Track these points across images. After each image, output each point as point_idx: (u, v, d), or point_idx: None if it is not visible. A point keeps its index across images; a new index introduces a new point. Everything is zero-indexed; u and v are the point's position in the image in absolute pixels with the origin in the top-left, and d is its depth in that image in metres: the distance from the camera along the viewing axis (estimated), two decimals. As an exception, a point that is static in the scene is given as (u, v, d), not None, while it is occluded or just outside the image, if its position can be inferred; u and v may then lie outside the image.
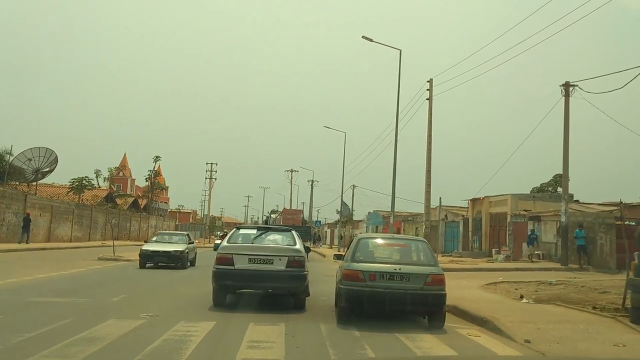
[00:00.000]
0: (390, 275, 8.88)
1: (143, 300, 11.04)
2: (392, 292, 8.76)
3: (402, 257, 9.68)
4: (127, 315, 8.89)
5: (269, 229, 12.16)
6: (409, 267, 9.17)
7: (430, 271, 9.04)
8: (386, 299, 8.79)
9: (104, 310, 9.45)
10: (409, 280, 8.83)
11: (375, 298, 8.81)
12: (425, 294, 8.80)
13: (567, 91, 24.10)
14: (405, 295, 8.79)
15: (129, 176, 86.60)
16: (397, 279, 8.84)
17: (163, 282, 15.74)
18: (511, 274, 20.78)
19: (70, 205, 38.66)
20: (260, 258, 10.50)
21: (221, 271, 10.50)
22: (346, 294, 8.97)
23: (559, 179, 55.86)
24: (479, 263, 25.27)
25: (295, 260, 10.65)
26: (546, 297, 13.14)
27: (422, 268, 9.22)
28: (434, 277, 8.94)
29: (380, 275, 8.89)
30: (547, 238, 26.86)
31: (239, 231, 11.89)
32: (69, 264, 19.51)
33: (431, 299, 8.84)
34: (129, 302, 10.70)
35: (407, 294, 8.79)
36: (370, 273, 8.91)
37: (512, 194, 31.39)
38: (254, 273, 10.40)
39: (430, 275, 8.93)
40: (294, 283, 10.56)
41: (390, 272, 8.93)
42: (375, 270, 8.98)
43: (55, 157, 43.10)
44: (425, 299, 8.83)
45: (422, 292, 8.79)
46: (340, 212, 54.39)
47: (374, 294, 8.78)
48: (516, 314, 10.16)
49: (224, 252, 10.78)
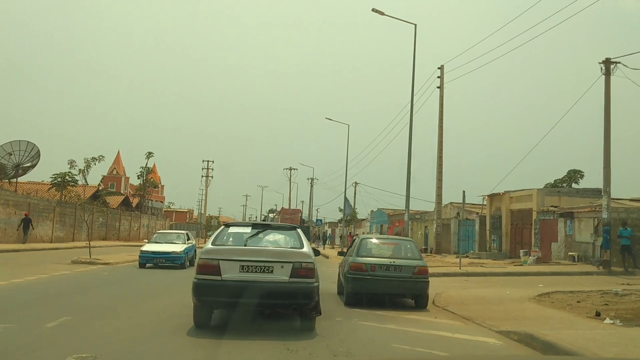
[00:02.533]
0: (386, 266, 11.24)
1: (88, 327, 7.89)
2: (388, 280, 11.06)
3: (395, 253, 12.10)
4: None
5: (267, 227, 9.10)
6: (401, 260, 11.53)
7: (417, 264, 11.39)
8: (384, 285, 11.09)
9: (16, 348, 6.37)
10: (401, 271, 11.18)
11: (375, 284, 11.03)
12: (413, 281, 11.18)
13: (607, 69, 21.03)
14: (398, 282, 11.13)
15: (123, 174, 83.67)
16: (392, 269, 11.18)
17: (142, 290, 12.74)
18: (551, 280, 17.85)
19: (51, 203, 35.48)
20: (256, 265, 7.78)
21: (204, 283, 7.74)
22: (352, 281, 11.19)
23: (574, 175, 53.39)
24: (507, 266, 22.19)
25: (302, 267, 7.86)
26: (628, 313, 10.12)
27: (411, 261, 11.50)
28: (420, 268, 11.30)
29: (379, 267, 11.23)
30: (582, 237, 23.77)
31: (228, 230, 8.83)
32: (32, 269, 16.46)
33: (418, 285, 11.21)
34: (66, 330, 7.53)
35: (400, 281, 11.12)
36: (372, 265, 11.26)
37: (537, 188, 28.23)
38: (248, 285, 7.61)
39: (417, 266, 11.29)
40: (301, 298, 7.80)
41: (387, 264, 11.30)
42: (375, 263, 11.34)
43: (37, 151, 40.15)
44: (414, 285, 11.22)
45: (411, 279, 11.17)
46: (343, 209, 51.25)
47: (374, 281, 11.02)
48: (620, 346, 7.10)
49: (208, 257, 7.89)
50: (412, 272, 11.13)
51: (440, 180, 36.67)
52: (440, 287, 15.25)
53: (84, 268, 18.69)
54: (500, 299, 12.52)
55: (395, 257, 11.60)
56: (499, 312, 10.45)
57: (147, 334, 7.63)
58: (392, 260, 11.39)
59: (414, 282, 11.13)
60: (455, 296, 12.62)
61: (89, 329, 7.78)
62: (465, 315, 10.10)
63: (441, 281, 18.14)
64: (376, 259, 11.49)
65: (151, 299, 11.29)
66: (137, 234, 53.01)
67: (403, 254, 11.98)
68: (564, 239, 24.93)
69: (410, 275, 11.10)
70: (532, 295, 12.59)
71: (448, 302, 11.70)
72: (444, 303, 11.54)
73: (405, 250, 12.15)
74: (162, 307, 10.00)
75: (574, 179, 51.12)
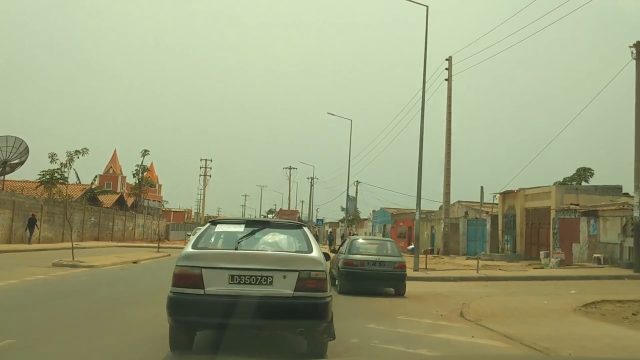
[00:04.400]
0: (373, 262, 13.63)
1: (33, 355, 6.08)
2: (375, 272, 13.50)
3: (379, 251, 14.35)
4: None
5: (266, 225, 7.11)
6: (384, 257, 13.86)
7: (397, 260, 13.81)
8: (371, 277, 13.48)
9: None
10: (384, 266, 13.60)
11: (364, 276, 13.40)
12: (394, 273, 13.55)
13: (639, 52, 19.24)
14: (382, 275, 13.58)
15: (120, 173, 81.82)
16: (377, 265, 13.60)
17: (117, 300, 10.90)
18: (581, 286, 16.10)
19: (38, 202, 33.61)
20: (251, 275, 5.91)
21: (181, 298, 5.91)
22: (346, 274, 13.51)
23: (583, 173, 51.60)
24: (527, 270, 20.36)
25: (311, 277, 6.00)
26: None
27: (392, 258, 13.87)
28: (399, 263, 13.71)
29: (367, 262, 13.61)
30: (607, 238, 21.91)
31: (215, 228, 6.96)
32: (3, 274, 14.61)
33: (398, 277, 13.54)
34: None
35: (384, 273, 13.57)
36: (361, 261, 13.65)
37: (556, 184, 26.37)
38: (239, 301, 5.74)
39: (397, 262, 13.72)
40: (310, 318, 5.96)
41: (373, 260, 13.68)
42: (364, 259, 13.71)
43: (25, 147, 38.35)
44: (395, 277, 13.55)
45: (393, 272, 13.55)
46: (346, 208, 49.36)
47: (364, 274, 13.42)
48: None
49: (187, 264, 6.03)
50: (394, 267, 13.61)
51: (448, 177, 34.87)
52: (462, 295, 13.51)
53: (64, 271, 16.81)
54: (539, 310, 10.72)
55: (379, 255, 13.99)
56: (546, 329, 8.66)
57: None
58: (377, 257, 13.80)
59: (395, 275, 13.55)
60: (486, 307, 10.80)
61: (35, 357, 5.95)
62: (506, 333, 8.28)
63: (459, 287, 16.35)
64: (365, 256, 13.85)
65: (125, 312, 9.42)
66: (132, 234, 51.10)
67: (385, 252, 14.32)
68: (587, 239, 23.08)
69: (392, 269, 13.55)
70: (575, 306, 10.77)
71: (479, 314, 9.87)
72: (475, 316, 9.70)
73: (387, 249, 14.55)
74: (135, 324, 8.14)
75: (584, 177, 49.42)
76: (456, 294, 14.26)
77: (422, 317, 9.83)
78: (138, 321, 8.43)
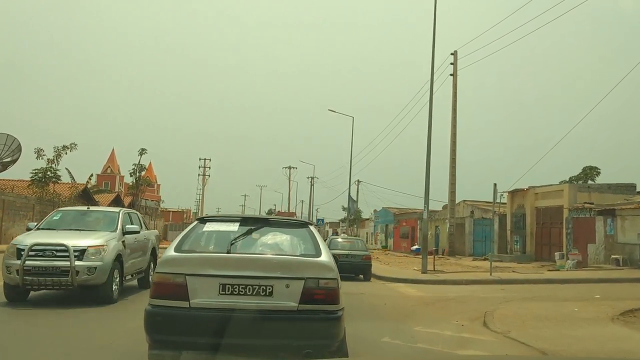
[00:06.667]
0: (346, 255, 17.60)
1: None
2: (348, 263, 17.20)
3: (351, 247, 18.81)
4: None
5: (265, 223, 5.97)
6: (354, 251, 18.28)
7: (364, 254, 18.36)
8: (345, 267, 16.07)
9: None
10: (354, 258, 17.85)
11: (341, 266, 13.25)
12: (362, 264, 17.92)
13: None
14: (353, 265, 17.66)
15: (118, 173, 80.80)
16: (349, 257, 17.73)
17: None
18: (603, 289, 14.94)
19: (30, 200, 32.47)
20: (246, 283, 4.88)
21: (162, 312, 4.88)
22: None
23: (589, 172, 50.48)
24: (543, 272, 19.23)
25: (320, 287, 4.94)
26: None
27: (360, 252, 18.43)
28: (365, 257, 18.19)
29: (342, 256, 17.10)
30: (626, 238, 20.80)
31: (204, 227, 5.83)
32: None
33: (365, 267, 17.98)
34: None
35: (355, 264, 17.71)
36: (338, 255, 16.09)
37: (569, 183, 25.26)
38: (232, 316, 4.71)
39: (364, 255, 18.20)
40: (318, 337, 4.87)
41: (346, 254, 17.77)
42: (340, 253, 17.09)
43: (18, 144, 36.97)
44: (362, 266, 17.93)
45: (360, 263, 17.90)
46: (347, 208, 48.26)
47: (340, 264, 13.23)
48: None
49: (168, 271, 4.98)
50: (361, 258, 17.91)
51: (453, 175, 33.79)
52: (478, 300, 12.45)
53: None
54: (571, 318, 9.59)
55: (351, 249, 18.30)
56: (586, 342, 7.56)
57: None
58: (349, 251, 18.00)
59: (363, 265, 17.85)
60: (512, 316, 9.65)
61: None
62: (542, 347, 7.14)
63: (473, 291, 15.22)
64: (340, 250, 17.70)
65: (119, 320, 8.28)
66: (129, 235, 49.93)
67: (355, 247, 18.71)
68: (604, 239, 21.97)
69: (360, 260, 17.82)
70: (611, 314, 9.63)
71: (507, 325, 8.72)
72: (502, 327, 8.55)
73: (356, 245, 19.08)
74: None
75: (590, 176, 48.37)
76: (471, 298, 13.16)
77: (442, 327, 8.70)
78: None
